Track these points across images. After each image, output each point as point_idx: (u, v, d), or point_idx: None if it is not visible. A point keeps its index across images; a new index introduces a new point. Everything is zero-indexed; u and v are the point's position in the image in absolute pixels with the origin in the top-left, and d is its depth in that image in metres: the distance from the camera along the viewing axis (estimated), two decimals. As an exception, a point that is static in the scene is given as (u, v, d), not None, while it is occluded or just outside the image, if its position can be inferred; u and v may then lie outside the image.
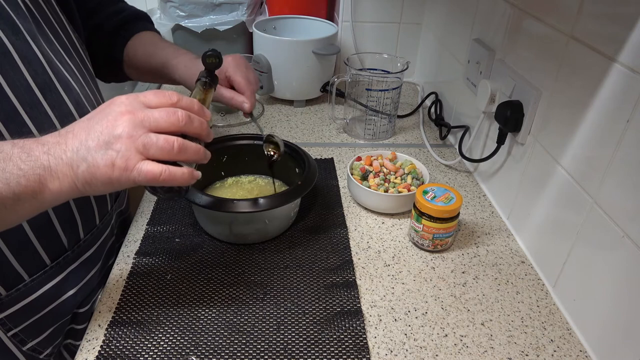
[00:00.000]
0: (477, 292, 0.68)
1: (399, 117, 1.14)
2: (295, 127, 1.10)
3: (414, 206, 0.74)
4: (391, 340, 0.61)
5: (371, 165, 0.87)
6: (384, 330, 0.62)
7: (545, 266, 0.71)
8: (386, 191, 0.81)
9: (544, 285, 0.70)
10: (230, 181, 0.85)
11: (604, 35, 0.57)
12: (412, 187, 0.81)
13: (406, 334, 0.62)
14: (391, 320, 0.63)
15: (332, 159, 0.98)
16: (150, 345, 0.58)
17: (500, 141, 0.80)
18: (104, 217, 0.69)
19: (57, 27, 0.63)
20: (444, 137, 1.07)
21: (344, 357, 0.57)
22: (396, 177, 0.84)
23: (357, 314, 0.63)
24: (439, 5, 1.17)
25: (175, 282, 0.67)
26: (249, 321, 0.62)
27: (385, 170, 0.86)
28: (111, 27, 0.83)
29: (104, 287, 0.67)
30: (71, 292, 0.64)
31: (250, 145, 0.83)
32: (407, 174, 0.84)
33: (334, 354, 0.58)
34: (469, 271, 0.72)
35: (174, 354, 0.57)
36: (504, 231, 0.81)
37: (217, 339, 0.59)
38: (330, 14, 1.37)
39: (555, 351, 0.61)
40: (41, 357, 0.64)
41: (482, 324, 0.64)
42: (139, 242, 0.74)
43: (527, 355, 0.60)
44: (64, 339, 0.68)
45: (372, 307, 0.65)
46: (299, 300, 0.65)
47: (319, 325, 0.61)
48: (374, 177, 0.84)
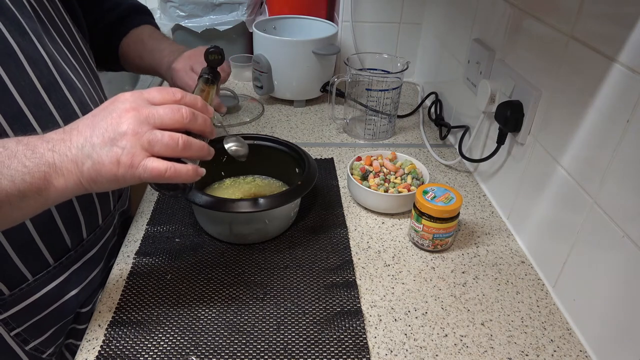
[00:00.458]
0: (477, 292, 0.68)
1: (399, 117, 1.14)
2: (295, 127, 1.10)
3: (414, 206, 0.74)
4: (391, 340, 0.61)
5: (371, 165, 0.87)
6: (384, 330, 0.62)
7: (545, 266, 0.71)
8: (386, 191, 0.81)
9: (544, 285, 0.70)
10: (229, 181, 0.85)
11: (604, 35, 0.57)
12: (412, 187, 0.81)
13: (406, 334, 0.62)
14: (391, 320, 0.63)
15: (332, 159, 0.98)
16: (150, 345, 0.58)
17: (500, 141, 0.80)
18: (106, 217, 0.69)
19: (61, 26, 0.63)
20: (444, 137, 1.07)
21: (344, 357, 0.57)
22: (396, 177, 0.84)
23: (357, 314, 0.63)
24: (439, 5, 1.17)
25: (175, 282, 0.67)
26: (249, 321, 0.62)
27: (385, 170, 0.86)
28: (107, 23, 0.83)
29: (104, 287, 0.67)
30: (74, 292, 0.64)
31: (250, 145, 0.83)
32: (407, 174, 0.84)
33: (334, 354, 0.58)
34: (469, 271, 0.72)
35: (174, 354, 0.57)
36: (504, 231, 0.81)
37: (217, 339, 0.59)
38: (330, 14, 1.37)
39: (555, 351, 0.61)
40: (43, 356, 0.64)
41: (482, 324, 0.64)
42: (139, 242, 0.74)
43: (527, 355, 0.60)
44: (65, 339, 0.69)
45: (372, 307, 0.65)
46: (299, 300, 0.65)
47: (319, 325, 0.61)
48: (374, 177, 0.84)
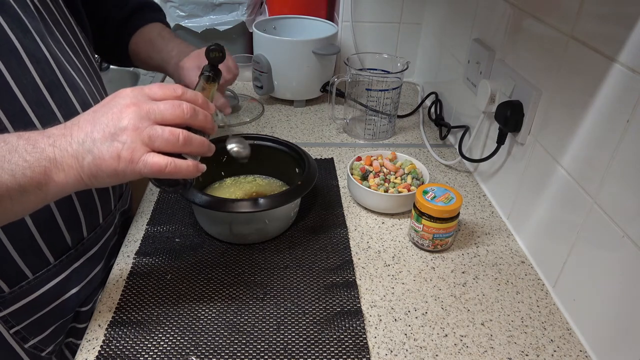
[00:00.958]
0: (477, 292, 0.68)
1: (399, 117, 1.14)
2: (295, 127, 1.10)
3: (414, 206, 0.74)
4: (391, 340, 0.61)
5: (371, 165, 0.87)
6: (384, 330, 0.62)
7: (545, 266, 0.71)
8: (386, 191, 0.81)
9: (544, 285, 0.70)
10: (229, 181, 0.85)
11: (604, 35, 0.57)
12: (412, 187, 0.81)
13: (406, 334, 0.62)
14: (391, 320, 0.63)
15: (332, 159, 0.98)
16: (150, 345, 0.58)
17: (500, 141, 0.80)
18: (107, 216, 0.70)
19: (64, 26, 0.64)
20: (444, 137, 1.07)
21: (344, 357, 0.57)
22: (396, 177, 0.84)
23: (357, 314, 0.63)
24: (439, 5, 1.17)
25: (175, 282, 0.67)
26: (249, 321, 0.62)
27: (385, 170, 0.86)
28: (116, 21, 0.83)
29: (104, 287, 0.67)
30: (74, 291, 0.65)
31: (249, 145, 0.83)
32: (407, 174, 0.84)
33: (334, 354, 0.58)
34: (469, 271, 0.72)
35: (174, 354, 0.57)
36: (504, 231, 0.81)
37: (217, 339, 0.59)
38: (330, 14, 1.37)
39: (555, 351, 0.61)
40: (43, 354, 0.64)
41: (482, 324, 0.64)
42: (139, 242, 0.74)
43: (527, 355, 0.60)
44: (65, 338, 0.69)
45: (372, 307, 0.65)
46: (299, 300, 0.65)
47: (319, 325, 0.61)
48: (374, 177, 0.84)
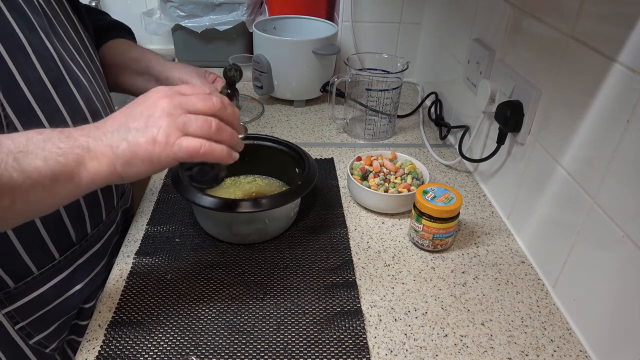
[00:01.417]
0: (477, 292, 0.68)
1: (399, 117, 1.14)
2: (295, 127, 1.10)
3: (414, 206, 0.74)
4: (391, 340, 0.61)
5: (371, 165, 0.87)
6: (384, 330, 0.62)
7: (545, 266, 0.71)
8: (386, 191, 0.81)
9: (544, 285, 0.70)
10: (229, 181, 0.85)
11: (604, 35, 0.57)
12: (412, 187, 0.81)
13: (406, 334, 0.62)
14: (391, 320, 0.63)
15: (332, 159, 0.98)
16: (150, 345, 0.58)
17: (500, 141, 0.80)
18: (110, 213, 0.70)
19: (67, 25, 0.65)
20: (444, 137, 1.07)
21: (344, 357, 0.57)
22: (396, 177, 0.84)
23: (357, 314, 0.63)
24: (439, 5, 1.17)
25: (175, 282, 0.67)
26: (249, 321, 0.62)
27: (385, 170, 0.86)
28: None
29: (104, 287, 0.67)
30: (78, 287, 0.65)
31: (250, 145, 0.83)
32: (407, 174, 0.84)
33: (334, 354, 0.58)
34: (469, 271, 0.72)
35: (174, 354, 0.57)
36: (504, 231, 0.81)
37: (217, 339, 0.59)
38: (330, 14, 1.37)
39: (555, 351, 0.61)
40: (47, 351, 0.64)
41: (482, 324, 0.64)
42: (139, 242, 0.74)
43: (527, 355, 0.60)
44: (68, 334, 0.69)
45: (372, 307, 0.65)
46: (299, 300, 0.65)
47: (319, 325, 0.61)
48: (374, 177, 0.84)
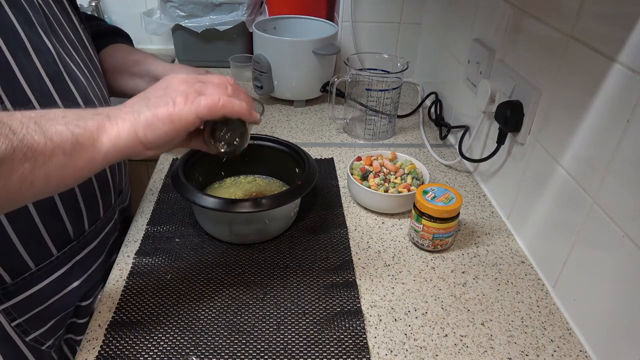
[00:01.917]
0: (477, 292, 0.68)
1: (399, 117, 1.14)
2: (295, 127, 1.10)
3: (414, 206, 0.74)
4: (391, 340, 0.61)
5: (371, 165, 0.86)
6: (384, 330, 0.62)
7: (545, 266, 0.71)
8: (386, 191, 0.81)
9: (544, 285, 0.70)
10: (229, 181, 0.85)
11: (604, 35, 0.57)
12: (412, 187, 0.81)
13: (406, 334, 0.62)
14: (391, 320, 0.63)
15: (332, 159, 0.98)
16: (150, 345, 0.58)
17: (500, 141, 0.80)
18: (107, 210, 0.71)
19: (66, 26, 0.65)
20: (444, 137, 1.07)
21: (344, 357, 0.57)
22: (396, 177, 0.84)
23: (357, 314, 0.63)
24: (439, 5, 1.17)
25: (175, 282, 0.67)
26: (249, 321, 0.62)
27: (385, 170, 0.86)
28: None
29: (104, 287, 0.67)
30: (75, 284, 0.65)
31: (249, 145, 0.83)
32: (407, 174, 0.84)
33: (334, 354, 0.58)
34: (469, 271, 0.72)
35: (174, 354, 0.57)
36: (504, 231, 0.81)
37: (217, 339, 0.59)
38: (330, 14, 1.37)
39: (555, 351, 0.61)
40: (43, 348, 0.64)
41: (482, 324, 0.64)
42: (139, 242, 0.74)
43: (527, 355, 0.60)
44: (65, 333, 0.69)
45: (372, 307, 0.65)
46: (299, 300, 0.65)
47: (319, 325, 0.61)
48: (374, 177, 0.84)
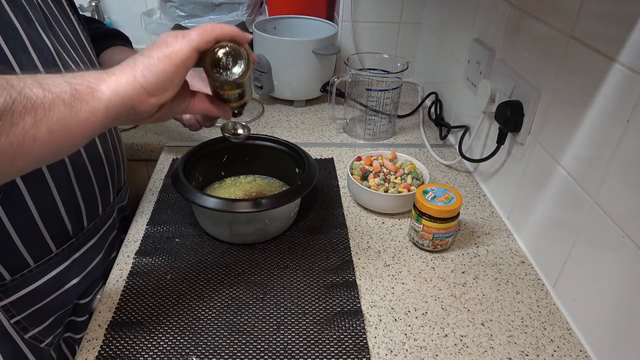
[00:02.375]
0: (477, 292, 0.68)
1: (399, 117, 1.14)
2: (295, 127, 1.10)
3: (414, 206, 0.74)
4: (391, 340, 0.61)
5: (371, 165, 0.86)
6: (384, 330, 0.62)
7: (545, 266, 0.71)
8: (386, 191, 0.81)
9: (544, 285, 0.70)
10: (229, 181, 0.85)
11: (604, 35, 0.57)
12: (412, 187, 0.81)
13: (406, 334, 0.62)
14: (391, 320, 0.63)
15: (332, 159, 0.98)
16: (150, 345, 0.58)
17: (500, 141, 0.80)
18: (106, 208, 0.71)
19: (64, 24, 0.65)
20: (444, 137, 1.07)
21: (344, 357, 0.57)
22: (396, 177, 0.84)
23: (357, 314, 0.63)
24: (439, 5, 1.17)
25: (175, 282, 0.67)
26: (249, 321, 0.62)
27: (385, 170, 0.86)
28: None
29: (104, 287, 0.67)
30: (74, 281, 0.66)
31: (250, 145, 0.83)
32: (407, 174, 0.84)
33: (334, 354, 0.58)
34: (469, 271, 0.72)
35: (174, 354, 0.57)
36: (504, 231, 0.81)
37: (217, 339, 0.59)
38: (330, 14, 1.37)
39: (555, 351, 0.61)
40: (42, 346, 0.64)
41: (482, 324, 0.64)
42: (139, 242, 0.74)
43: (527, 355, 0.60)
44: (64, 331, 0.69)
45: (372, 307, 0.65)
46: (299, 300, 0.65)
47: (319, 325, 0.61)
48: (374, 177, 0.84)
